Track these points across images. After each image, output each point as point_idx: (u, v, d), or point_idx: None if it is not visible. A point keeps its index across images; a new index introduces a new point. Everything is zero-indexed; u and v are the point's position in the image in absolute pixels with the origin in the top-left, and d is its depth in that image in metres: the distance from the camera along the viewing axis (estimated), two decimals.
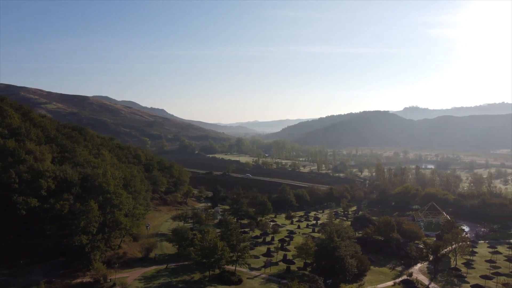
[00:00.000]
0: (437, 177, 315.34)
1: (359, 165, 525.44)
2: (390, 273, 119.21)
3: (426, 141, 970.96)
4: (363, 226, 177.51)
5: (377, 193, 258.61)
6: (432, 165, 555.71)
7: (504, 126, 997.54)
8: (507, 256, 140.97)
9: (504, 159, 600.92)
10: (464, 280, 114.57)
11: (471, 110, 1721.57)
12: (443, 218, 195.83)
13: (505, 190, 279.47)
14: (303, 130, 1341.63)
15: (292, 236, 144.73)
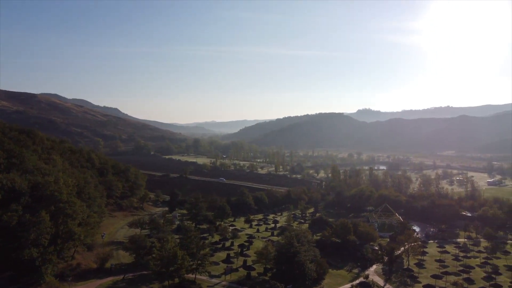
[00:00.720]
0: (389, 179, 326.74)
1: (315, 166, 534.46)
2: (348, 276, 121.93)
3: (378, 143, 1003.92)
4: (321, 228, 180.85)
5: (333, 194, 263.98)
6: (384, 166, 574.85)
7: (449, 129, 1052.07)
8: (454, 255, 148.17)
9: (450, 160, 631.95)
10: (417, 280, 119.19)
11: (420, 113, 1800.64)
12: (395, 219, 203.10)
13: (451, 190, 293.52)
14: (261, 131, 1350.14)
15: (251, 240, 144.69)
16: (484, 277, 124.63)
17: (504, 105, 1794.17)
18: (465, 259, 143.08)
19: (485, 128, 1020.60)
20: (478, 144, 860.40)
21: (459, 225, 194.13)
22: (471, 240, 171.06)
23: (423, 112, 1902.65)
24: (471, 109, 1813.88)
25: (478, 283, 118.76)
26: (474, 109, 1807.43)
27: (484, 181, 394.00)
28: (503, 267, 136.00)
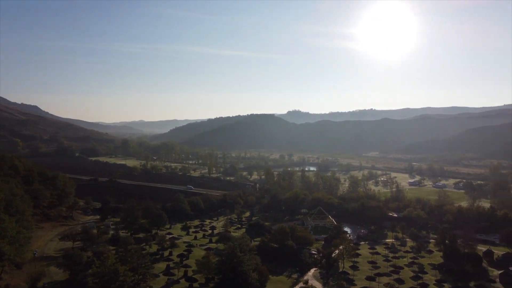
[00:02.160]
0: (321, 180, 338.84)
1: (248, 168, 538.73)
2: (287, 281, 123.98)
3: (308, 144, 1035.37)
4: (258, 233, 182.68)
5: (268, 197, 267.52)
6: (314, 167, 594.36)
7: (373, 131, 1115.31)
8: (384, 256, 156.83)
9: (374, 161, 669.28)
10: (353, 283, 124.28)
11: (346, 116, 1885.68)
12: (329, 222, 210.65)
13: (378, 192, 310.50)
14: (192, 132, 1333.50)
15: (190, 249, 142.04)
16: (412, 276, 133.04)
17: (421, 109, 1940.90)
18: (394, 260, 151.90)
19: (405, 130, 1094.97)
20: (399, 145, 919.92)
21: (387, 226, 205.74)
22: (398, 241, 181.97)
23: (349, 114, 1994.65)
24: (392, 112, 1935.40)
25: (407, 282, 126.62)
26: (395, 112, 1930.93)
27: (405, 182, 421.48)
28: (428, 266, 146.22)
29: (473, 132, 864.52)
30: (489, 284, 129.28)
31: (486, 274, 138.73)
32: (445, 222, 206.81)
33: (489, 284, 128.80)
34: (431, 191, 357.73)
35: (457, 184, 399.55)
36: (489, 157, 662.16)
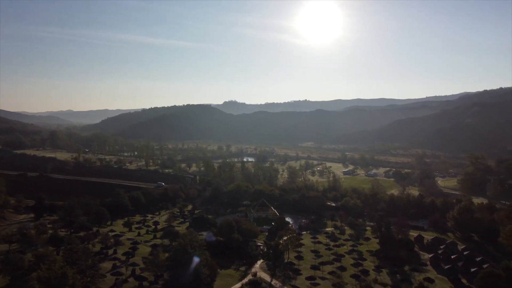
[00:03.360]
0: (261, 172, 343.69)
1: (187, 160, 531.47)
2: (236, 274, 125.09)
3: (245, 135, 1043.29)
4: (202, 226, 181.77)
5: (210, 190, 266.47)
6: (253, 157, 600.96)
7: (308, 122, 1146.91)
8: (326, 245, 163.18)
9: (310, 151, 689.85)
10: (299, 272, 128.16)
11: (281, 106, 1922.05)
12: (271, 213, 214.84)
13: (316, 182, 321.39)
14: (126, 123, 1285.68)
15: (136, 247, 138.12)
16: (353, 263, 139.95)
17: (352, 100, 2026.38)
18: (335, 248, 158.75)
19: (339, 121, 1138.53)
20: (333, 136, 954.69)
21: (326, 215, 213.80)
22: (337, 229, 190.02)
23: (285, 105, 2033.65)
24: (326, 103, 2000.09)
25: (349, 270, 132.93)
26: (328, 103, 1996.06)
27: (340, 171, 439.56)
28: (366, 252, 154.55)
29: (400, 123, 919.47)
30: (421, 267, 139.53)
31: (418, 258, 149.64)
32: (379, 210, 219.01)
33: (421, 267, 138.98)
34: (364, 180, 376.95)
35: (387, 172, 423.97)
36: (415, 146, 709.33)
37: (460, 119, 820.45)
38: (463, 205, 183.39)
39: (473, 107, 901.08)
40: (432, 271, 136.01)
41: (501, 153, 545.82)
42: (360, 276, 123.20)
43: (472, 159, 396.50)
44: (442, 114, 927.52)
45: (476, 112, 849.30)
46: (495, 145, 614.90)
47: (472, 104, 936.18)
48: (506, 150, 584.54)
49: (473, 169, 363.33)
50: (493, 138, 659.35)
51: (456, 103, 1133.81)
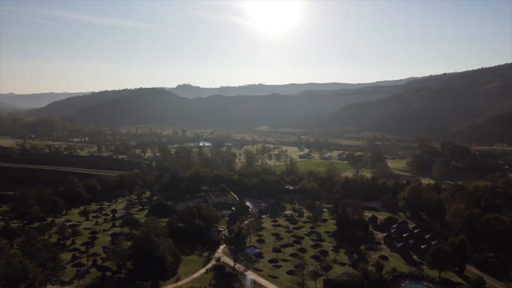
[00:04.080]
0: (219, 157, 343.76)
1: (141, 145, 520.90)
2: (199, 260, 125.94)
3: (200, 119, 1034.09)
4: (162, 213, 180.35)
5: (168, 176, 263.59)
6: (209, 142, 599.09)
7: (263, 106, 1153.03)
8: (286, 228, 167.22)
9: (266, 135, 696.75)
10: (261, 256, 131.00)
11: (236, 90, 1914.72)
12: (231, 198, 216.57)
13: (274, 166, 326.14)
14: (75, 107, 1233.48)
15: (95, 236, 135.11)
16: (312, 245, 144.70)
17: (306, 84, 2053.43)
18: (295, 230, 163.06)
19: (293, 105, 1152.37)
20: (288, 120, 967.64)
21: (285, 199, 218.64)
22: (296, 212, 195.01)
23: (240, 89, 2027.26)
24: (280, 87, 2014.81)
25: (309, 251, 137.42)
26: (282, 87, 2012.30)
27: (296, 154, 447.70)
28: (324, 234, 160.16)
29: (352, 107, 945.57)
30: (376, 246, 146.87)
31: (373, 238, 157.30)
32: (335, 192, 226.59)
33: (376, 246, 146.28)
34: (319, 163, 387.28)
35: (341, 155, 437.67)
36: (366, 129, 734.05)
37: (408, 103, 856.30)
38: (413, 186, 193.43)
39: (420, 91, 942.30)
40: (386, 249, 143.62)
41: (445, 135, 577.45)
42: (320, 257, 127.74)
43: (419, 142, 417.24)
44: (391, 98, 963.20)
45: (423, 97, 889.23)
46: (440, 128, 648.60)
47: (419, 89, 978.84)
48: (450, 132, 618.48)
49: (420, 151, 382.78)
50: (438, 121, 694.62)
51: (404, 87, 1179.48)
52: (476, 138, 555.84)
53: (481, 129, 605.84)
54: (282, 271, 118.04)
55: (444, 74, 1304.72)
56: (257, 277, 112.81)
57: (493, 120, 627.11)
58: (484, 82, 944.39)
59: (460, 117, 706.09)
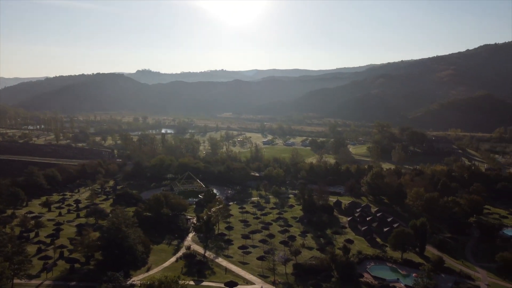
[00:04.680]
0: (183, 144, 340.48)
1: (101, 133, 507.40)
2: (169, 249, 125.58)
3: (161, 106, 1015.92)
4: (127, 202, 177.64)
5: (131, 164, 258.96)
6: (172, 129, 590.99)
7: (226, 92, 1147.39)
8: (253, 214, 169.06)
9: (229, 122, 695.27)
10: (231, 243, 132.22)
11: (198, 76, 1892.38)
12: (198, 186, 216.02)
13: (239, 153, 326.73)
14: (27, 93, 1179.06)
15: (60, 228, 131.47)
16: (280, 230, 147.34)
17: (268, 71, 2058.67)
18: (263, 217, 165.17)
19: (256, 91, 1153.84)
20: (251, 106, 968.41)
21: (251, 185, 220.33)
22: (262, 198, 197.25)
23: (201, 75, 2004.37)
24: (242, 73, 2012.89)
25: (277, 236, 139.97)
26: (245, 73, 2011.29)
27: (260, 141, 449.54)
28: (291, 219, 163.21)
29: (313, 93, 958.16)
30: (341, 229, 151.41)
31: (338, 222, 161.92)
32: (300, 178, 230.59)
33: (341, 230, 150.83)
34: (283, 149, 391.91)
35: (304, 141, 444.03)
36: (328, 116, 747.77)
37: (368, 90, 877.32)
38: (375, 171, 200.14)
39: (378, 78, 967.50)
40: (351, 233, 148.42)
41: (403, 121, 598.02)
42: (288, 242, 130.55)
43: (379, 128, 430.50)
44: (351, 85, 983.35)
45: (381, 84, 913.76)
46: (398, 114, 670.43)
47: (377, 76, 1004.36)
48: (407, 118, 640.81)
49: (380, 137, 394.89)
50: (396, 107, 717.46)
51: (364, 74, 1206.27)
52: (431, 124, 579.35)
53: (436, 115, 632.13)
54: (252, 257, 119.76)
55: (401, 61, 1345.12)
56: (228, 263, 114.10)
57: (447, 106, 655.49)
58: (439, 69, 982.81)
59: (417, 103, 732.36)
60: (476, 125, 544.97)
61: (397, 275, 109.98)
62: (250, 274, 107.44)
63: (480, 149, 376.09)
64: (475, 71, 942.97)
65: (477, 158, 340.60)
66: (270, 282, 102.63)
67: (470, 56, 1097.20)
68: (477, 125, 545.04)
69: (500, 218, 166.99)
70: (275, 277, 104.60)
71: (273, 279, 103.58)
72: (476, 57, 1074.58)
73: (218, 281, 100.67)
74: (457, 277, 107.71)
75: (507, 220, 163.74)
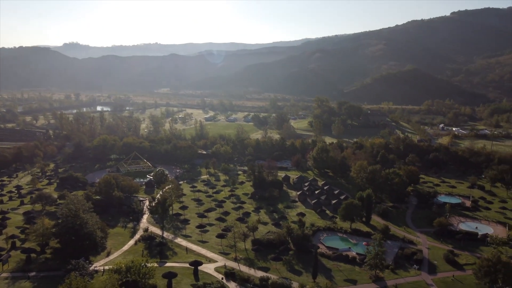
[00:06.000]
0: (124, 123, 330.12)
1: (31, 112, 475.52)
2: (126, 232, 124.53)
3: (94, 82, 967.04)
4: (73, 186, 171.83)
5: (71, 146, 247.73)
6: (108, 107, 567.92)
7: (162, 67, 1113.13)
8: (205, 192, 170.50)
9: (168, 98, 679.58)
10: (188, 222, 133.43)
11: (131, 50, 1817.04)
12: (145, 166, 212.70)
13: (183, 130, 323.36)
14: None
15: (5, 216, 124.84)
16: (234, 207, 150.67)
17: (204, 44, 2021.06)
18: (215, 195, 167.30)
19: (193, 66, 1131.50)
20: (189, 81, 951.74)
21: (199, 163, 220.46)
22: (212, 176, 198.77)
23: (134, 48, 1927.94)
24: (177, 46, 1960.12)
25: (232, 213, 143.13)
26: (180, 47, 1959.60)
27: (201, 117, 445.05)
28: (243, 195, 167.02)
29: (252, 68, 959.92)
30: (292, 203, 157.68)
31: (288, 196, 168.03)
32: (247, 154, 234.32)
33: (292, 204, 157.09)
34: (226, 125, 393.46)
35: (246, 117, 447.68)
36: (267, 90, 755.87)
37: (305, 65, 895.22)
38: (320, 146, 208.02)
39: (315, 53, 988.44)
40: (301, 206, 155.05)
41: (340, 95, 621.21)
42: (244, 219, 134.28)
43: (318, 102, 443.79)
44: (288, 59, 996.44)
45: (318, 58, 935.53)
46: (334, 88, 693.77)
47: (314, 51, 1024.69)
48: (343, 92, 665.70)
49: (320, 111, 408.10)
50: (332, 82, 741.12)
51: (300, 49, 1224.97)
52: (366, 97, 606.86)
53: (369, 89, 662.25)
54: (210, 235, 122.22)
55: (336, 36, 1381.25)
56: (188, 243, 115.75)
57: (380, 80, 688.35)
58: (371, 44, 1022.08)
59: (352, 78, 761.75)
60: (406, 98, 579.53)
61: (348, 244, 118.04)
62: (211, 252, 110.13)
63: (411, 121, 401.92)
64: (405, 46, 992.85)
65: (409, 129, 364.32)
66: (232, 258, 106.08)
67: (399, 32, 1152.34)
68: (407, 98, 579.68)
69: (434, 186, 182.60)
70: (236, 253, 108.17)
71: (234, 256, 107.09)
72: (405, 32, 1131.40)
73: (181, 261, 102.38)
74: (401, 242, 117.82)
75: (440, 188, 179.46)
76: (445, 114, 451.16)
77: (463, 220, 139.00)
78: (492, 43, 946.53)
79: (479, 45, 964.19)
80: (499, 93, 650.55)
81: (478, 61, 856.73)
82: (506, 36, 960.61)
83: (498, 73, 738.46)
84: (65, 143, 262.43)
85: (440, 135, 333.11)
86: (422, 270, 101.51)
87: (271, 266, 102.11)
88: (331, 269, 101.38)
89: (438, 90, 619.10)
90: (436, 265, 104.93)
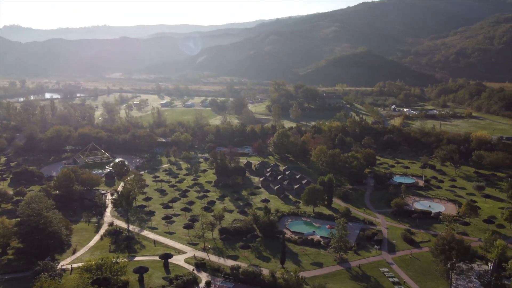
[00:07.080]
0: (77, 111, 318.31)
1: None
2: (90, 227, 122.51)
3: (40, 67, 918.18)
4: (28, 180, 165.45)
5: (22, 137, 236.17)
6: (58, 94, 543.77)
7: (112, 51, 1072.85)
8: (167, 182, 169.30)
9: (120, 83, 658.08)
10: (153, 214, 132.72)
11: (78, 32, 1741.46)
12: (104, 156, 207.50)
13: (140, 118, 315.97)
14: None
15: None
16: (198, 196, 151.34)
17: (156, 26, 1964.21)
18: (178, 184, 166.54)
19: (145, 49, 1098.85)
20: (141, 65, 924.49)
21: (159, 152, 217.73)
22: (174, 165, 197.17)
23: (81, 31, 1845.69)
24: (128, 29, 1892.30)
25: (197, 203, 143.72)
26: (130, 29, 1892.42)
27: (157, 103, 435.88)
28: (206, 183, 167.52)
29: (207, 51, 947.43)
30: (256, 190, 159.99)
31: (251, 183, 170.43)
32: (208, 141, 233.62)
33: (256, 190, 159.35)
34: (184, 111, 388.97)
35: (203, 102, 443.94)
36: (223, 74, 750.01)
37: (260, 47, 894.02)
38: (281, 131, 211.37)
39: (270, 35, 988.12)
40: (265, 192, 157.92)
41: (295, 78, 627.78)
42: (209, 208, 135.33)
43: (275, 86, 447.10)
44: (244, 42, 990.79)
45: (273, 41, 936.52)
46: (290, 71, 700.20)
47: (269, 33, 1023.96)
48: (298, 75, 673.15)
49: (277, 95, 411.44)
50: (288, 64, 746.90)
51: (255, 31, 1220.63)
52: (320, 80, 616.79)
53: (324, 71, 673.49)
54: (177, 226, 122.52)
55: (290, 17, 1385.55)
56: (155, 235, 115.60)
57: (333, 62, 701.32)
58: (324, 26, 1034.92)
59: (307, 60, 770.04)
60: (358, 80, 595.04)
61: (312, 228, 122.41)
62: (180, 243, 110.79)
63: (365, 103, 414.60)
64: (357, 28, 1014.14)
65: (363, 111, 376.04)
66: (201, 249, 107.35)
67: (351, 13, 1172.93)
68: (360, 80, 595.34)
69: (389, 167, 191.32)
70: (205, 243, 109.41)
71: (203, 246, 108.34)
72: (357, 14, 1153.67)
73: (150, 255, 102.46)
74: (362, 224, 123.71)
75: (395, 169, 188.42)
76: (396, 95, 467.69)
77: (417, 199, 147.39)
78: (438, 24, 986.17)
79: (426, 26, 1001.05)
80: (445, 73, 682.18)
81: (426, 43, 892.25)
82: (452, 17, 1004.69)
83: (444, 54, 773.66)
84: (14, 135, 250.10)
85: (393, 116, 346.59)
86: (382, 249, 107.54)
87: (240, 254, 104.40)
88: (297, 254, 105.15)
89: (390, 71, 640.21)
90: (395, 244, 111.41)
